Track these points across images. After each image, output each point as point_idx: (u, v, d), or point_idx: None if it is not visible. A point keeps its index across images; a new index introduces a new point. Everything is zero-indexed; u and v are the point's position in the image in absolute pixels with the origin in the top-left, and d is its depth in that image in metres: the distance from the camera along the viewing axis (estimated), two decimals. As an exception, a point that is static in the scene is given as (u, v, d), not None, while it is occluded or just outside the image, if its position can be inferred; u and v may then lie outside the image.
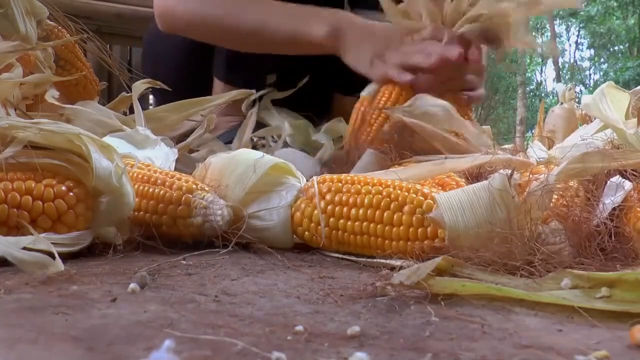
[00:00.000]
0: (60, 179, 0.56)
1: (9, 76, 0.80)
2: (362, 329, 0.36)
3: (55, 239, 0.52)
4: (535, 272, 0.46)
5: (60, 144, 0.57)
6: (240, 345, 0.32)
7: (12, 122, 0.58)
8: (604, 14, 13.75)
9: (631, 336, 0.35)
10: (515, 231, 0.50)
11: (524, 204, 0.51)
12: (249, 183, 0.62)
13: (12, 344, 0.32)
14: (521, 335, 0.36)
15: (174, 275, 0.49)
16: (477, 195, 0.52)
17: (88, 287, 0.44)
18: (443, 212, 0.52)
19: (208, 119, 1.04)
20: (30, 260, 0.46)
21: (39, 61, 0.93)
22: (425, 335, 0.36)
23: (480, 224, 0.51)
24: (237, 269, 0.53)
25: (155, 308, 0.39)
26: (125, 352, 0.31)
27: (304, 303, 0.42)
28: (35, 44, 0.91)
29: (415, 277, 0.42)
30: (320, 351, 0.32)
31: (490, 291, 0.43)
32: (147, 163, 0.70)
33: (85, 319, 0.36)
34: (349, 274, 0.53)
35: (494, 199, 0.52)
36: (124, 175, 0.57)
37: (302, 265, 0.56)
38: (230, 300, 0.42)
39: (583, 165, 0.54)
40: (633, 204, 0.53)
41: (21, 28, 0.90)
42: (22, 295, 0.41)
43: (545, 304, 0.41)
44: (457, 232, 0.52)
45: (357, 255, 0.58)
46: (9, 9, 0.89)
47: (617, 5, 13.36)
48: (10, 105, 0.79)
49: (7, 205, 0.53)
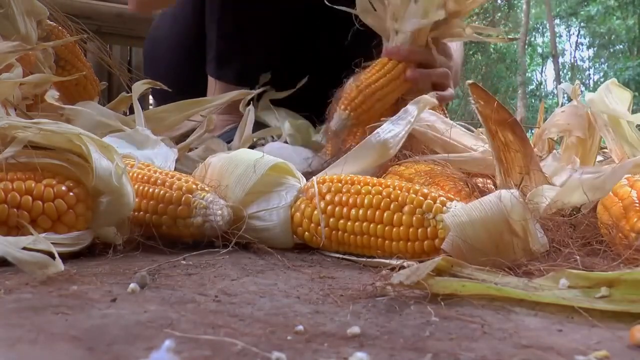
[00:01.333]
0: (60, 179, 0.56)
1: (9, 76, 0.79)
2: (362, 329, 0.36)
3: (55, 239, 0.52)
4: (534, 272, 0.46)
5: (60, 144, 0.57)
6: (240, 345, 0.32)
7: (12, 122, 0.58)
8: (604, 14, 13.74)
9: (631, 336, 0.35)
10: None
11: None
12: (249, 183, 0.62)
13: (12, 344, 0.32)
14: (521, 335, 0.36)
15: (174, 275, 0.49)
16: (493, 222, 0.50)
17: (88, 287, 0.44)
18: (461, 244, 0.50)
19: (208, 119, 1.04)
20: (30, 260, 0.46)
21: (39, 61, 0.93)
22: (425, 335, 0.36)
23: (494, 244, 0.50)
24: (237, 269, 0.53)
25: (155, 308, 0.39)
26: (125, 352, 0.31)
27: (304, 303, 0.42)
28: (35, 44, 0.91)
29: (415, 277, 0.42)
30: (320, 351, 0.32)
31: (490, 291, 0.43)
32: (147, 163, 0.70)
33: (85, 319, 0.36)
34: (349, 274, 0.53)
35: (508, 223, 0.50)
36: (124, 175, 0.57)
37: (302, 265, 0.56)
38: (230, 300, 0.42)
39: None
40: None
41: (21, 28, 0.90)
42: (22, 295, 0.41)
43: (545, 304, 0.41)
44: (472, 257, 0.50)
45: (358, 255, 0.58)
46: (9, 9, 0.89)
47: (617, 5, 13.35)
48: (10, 105, 0.79)
49: (7, 205, 0.53)
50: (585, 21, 14.74)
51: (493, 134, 0.64)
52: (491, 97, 0.65)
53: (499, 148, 0.64)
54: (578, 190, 0.55)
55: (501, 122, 0.64)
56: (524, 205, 0.51)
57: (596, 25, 14.27)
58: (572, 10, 14.62)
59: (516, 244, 0.50)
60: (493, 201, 0.51)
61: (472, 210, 0.52)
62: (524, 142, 0.65)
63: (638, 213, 0.53)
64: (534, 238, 0.51)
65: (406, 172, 0.72)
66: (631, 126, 0.78)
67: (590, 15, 13.98)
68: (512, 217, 0.50)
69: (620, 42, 14.39)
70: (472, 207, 0.52)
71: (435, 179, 0.68)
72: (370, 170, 0.78)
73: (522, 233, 0.51)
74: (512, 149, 0.65)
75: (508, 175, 0.65)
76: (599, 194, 0.54)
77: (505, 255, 0.49)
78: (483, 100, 0.65)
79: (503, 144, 0.64)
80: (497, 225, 0.50)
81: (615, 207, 0.56)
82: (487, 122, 0.65)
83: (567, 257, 0.50)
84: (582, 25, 15.42)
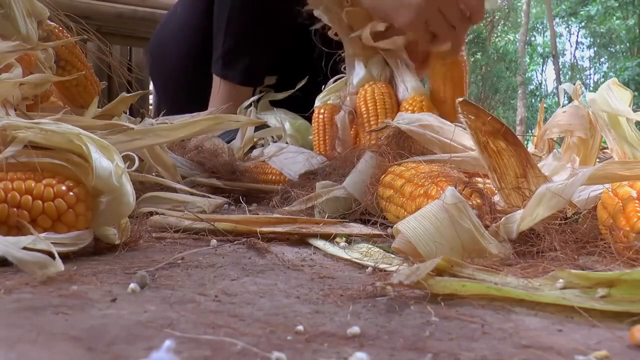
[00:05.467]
0: (60, 179, 0.56)
1: (9, 76, 0.79)
2: (362, 329, 0.36)
3: (55, 239, 0.52)
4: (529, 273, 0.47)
5: (60, 144, 0.57)
6: (240, 345, 0.32)
7: (12, 122, 0.58)
8: (604, 14, 13.74)
9: (631, 336, 0.35)
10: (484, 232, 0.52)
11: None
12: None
13: (12, 344, 0.32)
14: (521, 335, 0.36)
15: (174, 275, 0.49)
16: (438, 218, 0.53)
17: (88, 287, 0.44)
18: (416, 244, 0.53)
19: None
20: (30, 260, 0.46)
21: (39, 62, 0.93)
22: (425, 335, 0.36)
23: (451, 242, 0.53)
24: (237, 269, 0.53)
25: (155, 308, 0.39)
26: (125, 352, 0.31)
27: (304, 303, 0.42)
28: (35, 44, 0.91)
29: (414, 277, 0.42)
30: (320, 351, 0.32)
31: (490, 291, 0.43)
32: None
33: (85, 319, 0.36)
34: (349, 274, 0.53)
35: (452, 215, 0.53)
36: (124, 175, 0.57)
37: (302, 265, 0.56)
38: (230, 300, 0.42)
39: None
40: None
41: (22, 29, 0.90)
42: (22, 295, 0.41)
43: (545, 304, 0.41)
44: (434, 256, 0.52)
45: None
46: (10, 10, 0.89)
47: (617, 5, 13.35)
48: (10, 105, 0.79)
49: (7, 204, 0.53)
50: (585, 21, 14.74)
51: (483, 145, 0.65)
52: (481, 110, 0.67)
53: (490, 157, 0.65)
54: (544, 201, 0.56)
55: (493, 133, 0.65)
56: (463, 200, 0.54)
57: (596, 25, 14.27)
58: (572, 10, 14.61)
59: (466, 238, 0.52)
60: (437, 203, 0.55)
61: (421, 216, 0.55)
62: (518, 147, 0.66)
63: (638, 213, 0.53)
64: (485, 237, 0.53)
65: (406, 173, 0.72)
66: (631, 126, 0.77)
67: (590, 15, 13.97)
68: (451, 211, 0.53)
69: (620, 42, 14.39)
70: (421, 215, 0.55)
71: (434, 180, 0.68)
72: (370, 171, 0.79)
73: (470, 227, 0.53)
74: (505, 156, 0.65)
75: (503, 182, 0.65)
76: (559, 204, 0.55)
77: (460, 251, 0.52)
78: (473, 115, 0.66)
79: (495, 152, 0.65)
80: (441, 219, 0.53)
81: (615, 207, 0.56)
82: (476, 134, 0.66)
83: (567, 257, 0.50)
84: (582, 25, 15.42)
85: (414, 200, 0.66)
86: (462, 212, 0.53)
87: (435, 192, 0.63)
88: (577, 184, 0.55)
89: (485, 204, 0.59)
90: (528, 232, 0.56)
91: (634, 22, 13.28)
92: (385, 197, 0.74)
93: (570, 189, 0.54)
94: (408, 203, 0.67)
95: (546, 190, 0.55)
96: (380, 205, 0.76)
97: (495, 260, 0.51)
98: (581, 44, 16.64)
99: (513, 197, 0.64)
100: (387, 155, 0.81)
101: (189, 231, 0.68)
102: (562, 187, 0.54)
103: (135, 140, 0.79)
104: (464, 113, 0.66)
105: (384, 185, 0.75)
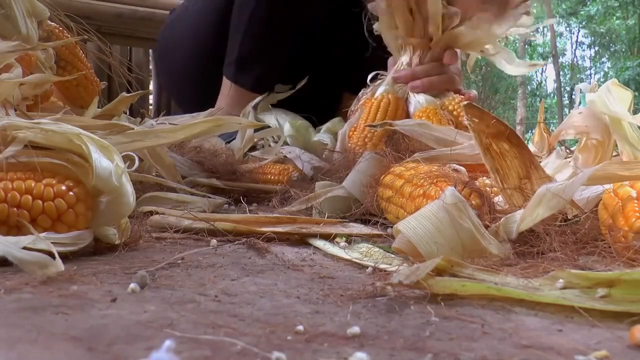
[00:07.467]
0: (60, 179, 0.56)
1: (9, 76, 0.79)
2: (362, 329, 0.36)
3: (55, 239, 0.52)
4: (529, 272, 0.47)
5: (60, 144, 0.57)
6: (240, 345, 0.32)
7: (12, 122, 0.58)
8: (604, 14, 13.74)
9: (631, 336, 0.35)
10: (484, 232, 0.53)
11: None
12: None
13: (12, 344, 0.32)
14: (521, 335, 0.36)
15: (174, 275, 0.49)
16: (438, 218, 0.54)
17: (88, 287, 0.44)
18: (416, 244, 0.53)
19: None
20: (30, 260, 0.46)
21: (39, 62, 0.93)
22: (425, 335, 0.36)
23: (451, 242, 0.53)
24: (237, 269, 0.53)
25: (155, 308, 0.39)
26: (125, 352, 0.31)
27: (304, 303, 0.42)
28: (35, 44, 0.91)
29: (414, 277, 0.42)
30: (320, 351, 0.32)
31: (490, 291, 0.43)
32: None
33: (85, 319, 0.36)
34: (349, 274, 0.53)
35: (452, 215, 0.53)
36: (124, 175, 0.57)
37: (302, 265, 0.56)
38: (230, 300, 0.42)
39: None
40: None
41: (22, 29, 0.90)
42: (22, 295, 0.41)
43: (545, 304, 0.41)
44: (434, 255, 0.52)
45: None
46: (11, 10, 0.89)
47: (617, 5, 13.34)
48: (10, 105, 0.79)
49: (7, 204, 0.53)
50: (585, 21, 14.73)
51: (486, 147, 0.66)
52: (486, 113, 0.67)
53: (493, 159, 0.65)
54: (544, 201, 0.56)
55: (496, 135, 0.66)
56: (463, 200, 0.54)
57: (596, 25, 14.26)
58: (572, 10, 14.60)
59: (466, 238, 0.53)
60: (437, 203, 0.55)
61: (421, 216, 0.55)
62: (521, 149, 0.66)
63: (636, 213, 0.53)
64: (485, 237, 0.53)
65: (406, 173, 0.72)
66: (632, 126, 0.77)
67: (590, 15, 13.97)
68: (451, 211, 0.53)
69: (621, 42, 14.38)
70: (421, 215, 0.55)
71: (434, 180, 0.68)
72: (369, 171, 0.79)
73: (470, 226, 0.53)
74: (508, 158, 0.66)
75: (505, 182, 0.65)
76: (559, 204, 0.55)
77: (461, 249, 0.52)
78: (477, 118, 0.66)
79: (498, 154, 0.66)
80: (441, 219, 0.53)
81: (615, 207, 0.56)
82: (479, 136, 0.66)
83: (567, 257, 0.50)
84: (582, 25, 15.41)
85: (413, 201, 0.66)
86: (462, 212, 0.53)
87: (434, 192, 0.63)
88: (577, 184, 0.55)
89: (485, 204, 0.59)
90: (528, 233, 0.56)
91: (634, 22, 13.27)
92: (385, 197, 0.74)
93: (570, 189, 0.54)
94: (407, 203, 0.67)
95: (546, 190, 0.55)
96: (380, 205, 0.76)
97: (495, 260, 0.51)
98: (582, 44, 16.63)
99: (515, 198, 0.64)
100: (386, 155, 0.82)
101: (189, 231, 0.68)
102: (562, 187, 0.54)
103: (135, 142, 0.79)
104: (468, 116, 0.66)
105: (383, 185, 0.75)
